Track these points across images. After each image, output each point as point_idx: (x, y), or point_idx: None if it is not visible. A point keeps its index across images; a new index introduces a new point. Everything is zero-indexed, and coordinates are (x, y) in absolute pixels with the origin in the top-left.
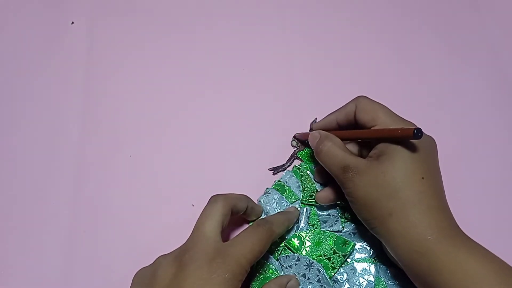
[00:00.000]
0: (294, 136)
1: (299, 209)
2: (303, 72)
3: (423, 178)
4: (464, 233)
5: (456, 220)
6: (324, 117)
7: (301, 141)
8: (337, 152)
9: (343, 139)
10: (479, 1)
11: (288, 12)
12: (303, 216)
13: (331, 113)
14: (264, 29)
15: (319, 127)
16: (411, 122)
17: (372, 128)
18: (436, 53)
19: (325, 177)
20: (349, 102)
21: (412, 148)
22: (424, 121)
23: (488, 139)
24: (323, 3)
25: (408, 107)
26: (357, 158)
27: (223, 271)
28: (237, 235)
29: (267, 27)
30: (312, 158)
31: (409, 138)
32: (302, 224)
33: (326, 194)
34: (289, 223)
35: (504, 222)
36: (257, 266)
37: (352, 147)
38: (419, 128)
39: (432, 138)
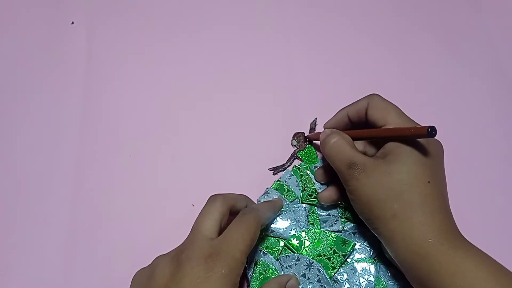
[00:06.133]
0: (294, 135)
1: (295, 205)
2: (303, 72)
3: (429, 182)
4: (463, 236)
5: (455, 221)
6: (335, 114)
7: (310, 141)
8: (345, 147)
9: (355, 139)
10: (479, 1)
11: (288, 13)
12: (303, 215)
13: (342, 108)
14: (264, 30)
15: (331, 125)
16: (420, 124)
17: (383, 127)
18: (436, 54)
19: (327, 176)
20: (361, 98)
21: (421, 151)
22: (424, 122)
23: (489, 140)
24: (323, 5)
25: (408, 108)
26: (364, 156)
27: (220, 268)
28: (226, 229)
29: (267, 28)
30: (312, 158)
31: (423, 136)
32: (301, 223)
33: (329, 194)
34: (275, 209)
35: (502, 223)
36: (257, 266)
37: (358, 145)
38: (433, 126)
39: (440, 142)
